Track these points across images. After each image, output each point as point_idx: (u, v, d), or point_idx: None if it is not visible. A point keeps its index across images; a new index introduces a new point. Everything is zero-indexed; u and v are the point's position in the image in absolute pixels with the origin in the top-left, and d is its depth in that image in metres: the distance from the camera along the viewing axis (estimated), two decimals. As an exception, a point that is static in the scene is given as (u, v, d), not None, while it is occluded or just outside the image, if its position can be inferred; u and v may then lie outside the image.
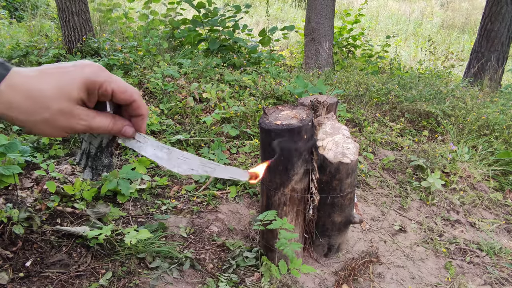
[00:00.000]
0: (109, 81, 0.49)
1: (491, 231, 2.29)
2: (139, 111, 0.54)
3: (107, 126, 0.51)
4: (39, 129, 0.47)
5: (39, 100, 0.45)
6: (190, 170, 0.56)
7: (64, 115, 0.47)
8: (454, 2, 13.34)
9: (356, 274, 1.75)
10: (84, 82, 0.47)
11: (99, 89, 0.49)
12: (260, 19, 9.82)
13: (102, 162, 0.57)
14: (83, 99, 0.48)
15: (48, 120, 0.47)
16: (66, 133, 0.49)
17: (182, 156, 0.56)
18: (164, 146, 0.56)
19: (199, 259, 1.77)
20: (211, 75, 3.74)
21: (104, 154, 0.57)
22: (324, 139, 1.65)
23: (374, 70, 5.76)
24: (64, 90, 0.46)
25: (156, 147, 0.56)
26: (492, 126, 3.38)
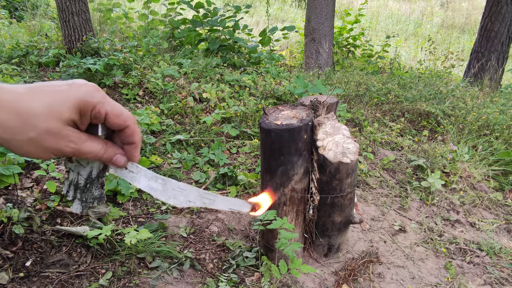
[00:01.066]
0: (103, 102, 0.46)
1: (491, 231, 2.29)
2: (132, 138, 0.50)
3: (98, 152, 0.48)
4: (24, 149, 0.44)
5: (26, 118, 0.42)
6: (187, 202, 0.53)
7: (52, 135, 0.44)
8: (454, 2, 13.34)
9: (356, 274, 1.75)
10: (77, 102, 0.44)
11: (92, 110, 0.46)
12: (260, 19, 9.82)
13: (92, 195, 0.53)
14: (74, 121, 0.45)
15: (34, 140, 0.43)
16: (52, 154, 0.46)
17: (178, 187, 0.54)
18: (159, 176, 0.53)
19: (199, 259, 1.77)
20: (211, 75, 3.74)
21: (94, 185, 0.53)
22: (324, 139, 1.65)
23: (374, 70, 5.76)
24: (55, 109, 0.43)
25: (151, 178, 0.53)
26: (492, 126, 3.38)
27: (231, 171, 2.35)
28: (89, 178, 0.52)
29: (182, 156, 2.56)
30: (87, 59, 3.31)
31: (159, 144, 2.67)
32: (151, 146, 2.58)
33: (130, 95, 3.22)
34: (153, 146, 2.61)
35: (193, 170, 2.50)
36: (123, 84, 3.35)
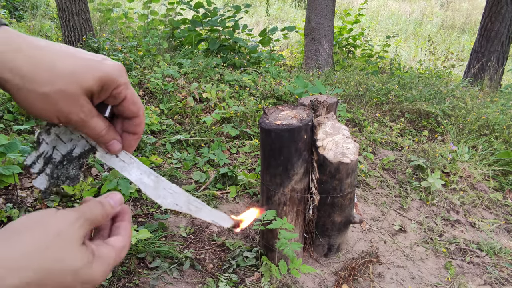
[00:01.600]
0: (127, 85, 0.45)
1: (491, 231, 2.29)
2: (137, 129, 0.50)
3: (100, 131, 0.46)
4: (30, 102, 0.40)
5: (47, 72, 0.39)
6: (174, 205, 0.52)
7: (67, 98, 0.41)
8: (454, 2, 13.34)
9: (356, 274, 1.75)
10: (103, 76, 0.42)
11: (114, 89, 0.44)
12: (260, 19, 9.82)
13: (67, 173, 0.50)
14: (93, 92, 0.43)
15: (47, 96, 0.40)
16: (57, 118, 0.42)
17: (170, 189, 0.52)
18: (152, 172, 0.52)
19: (199, 259, 1.77)
20: (211, 75, 3.74)
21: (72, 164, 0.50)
22: (324, 139, 1.65)
23: (374, 70, 5.76)
24: (79, 75, 0.41)
25: (143, 172, 0.51)
26: (492, 126, 3.38)
27: (231, 171, 2.35)
28: (68, 156, 0.50)
29: (182, 156, 2.57)
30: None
31: (159, 144, 2.67)
32: (151, 146, 2.58)
33: (130, 95, 3.21)
34: (153, 146, 2.61)
35: (193, 170, 2.50)
36: (123, 84, 3.35)
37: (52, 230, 0.39)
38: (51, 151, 0.49)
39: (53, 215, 0.40)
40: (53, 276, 0.38)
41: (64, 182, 0.50)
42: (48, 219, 0.40)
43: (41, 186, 0.49)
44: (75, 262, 0.39)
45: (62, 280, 0.39)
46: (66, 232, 0.40)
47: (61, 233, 0.39)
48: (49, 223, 0.39)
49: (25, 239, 0.37)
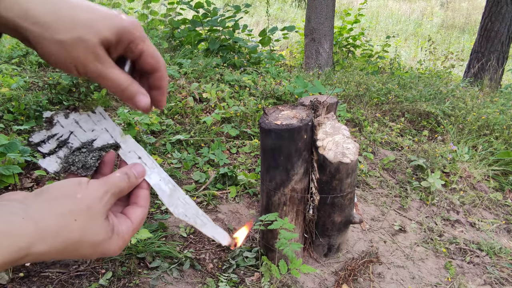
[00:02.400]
0: (144, 39, 0.45)
1: (491, 231, 2.29)
2: (160, 83, 0.49)
3: (123, 83, 0.46)
4: (49, 51, 0.40)
5: (64, 19, 0.40)
6: (184, 215, 0.53)
7: (84, 46, 0.41)
8: (454, 2, 13.34)
9: (356, 274, 1.75)
10: (120, 28, 0.43)
11: (131, 42, 0.44)
12: (260, 19, 9.82)
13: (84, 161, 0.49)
14: (110, 43, 0.43)
15: (64, 43, 0.40)
16: (75, 68, 0.42)
17: (183, 199, 0.54)
18: (171, 181, 0.53)
19: (199, 259, 1.77)
20: (211, 75, 3.74)
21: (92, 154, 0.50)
22: (324, 139, 1.65)
23: (374, 70, 5.76)
24: (96, 24, 0.41)
25: (163, 178, 0.52)
26: (492, 126, 3.38)
27: (231, 171, 2.35)
28: (88, 145, 0.50)
29: (182, 156, 2.56)
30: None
31: (159, 144, 2.67)
32: (151, 146, 2.58)
33: (130, 95, 3.21)
34: (153, 146, 2.61)
35: (193, 170, 2.50)
36: (123, 84, 3.35)
37: (83, 203, 0.42)
38: (67, 135, 0.49)
39: (84, 187, 0.43)
40: (74, 246, 0.41)
41: (78, 169, 0.49)
42: (81, 191, 0.43)
43: (50, 168, 0.49)
44: (96, 236, 0.42)
45: (81, 251, 0.42)
46: (94, 206, 0.43)
47: (90, 207, 0.42)
48: (81, 196, 0.42)
49: (59, 207, 0.40)
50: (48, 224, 0.38)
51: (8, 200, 0.40)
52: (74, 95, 2.91)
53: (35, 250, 0.37)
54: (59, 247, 0.39)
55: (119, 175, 0.48)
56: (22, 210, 0.38)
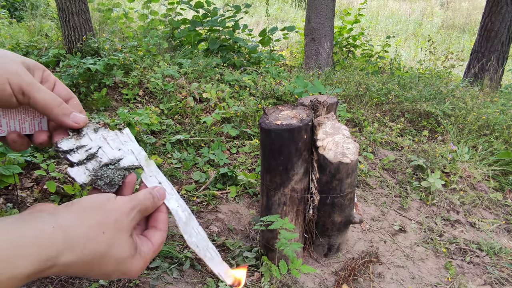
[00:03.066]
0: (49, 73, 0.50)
1: (491, 231, 2.29)
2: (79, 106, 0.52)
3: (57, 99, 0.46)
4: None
5: None
6: (195, 246, 0.55)
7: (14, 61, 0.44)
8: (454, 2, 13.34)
9: (356, 274, 1.75)
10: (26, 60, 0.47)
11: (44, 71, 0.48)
12: (260, 19, 9.82)
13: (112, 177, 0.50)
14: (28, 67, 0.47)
15: None
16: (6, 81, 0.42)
17: (197, 229, 0.56)
18: (187, 209, 0.55)
19: (199, 259, 1.77)
20: (211, 75, 3.74)
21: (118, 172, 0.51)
22: (324, 139, 1.65)
23: (374, 70, 5.76)
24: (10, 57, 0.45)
25: (180, 205, 0.55)
26: (492, 126, 3.38)
27: (231, 171, 2.35)
28: (116, 163, 0.51)
29: (182, 156, 2.56)
30: (87, 59, 3.31)
31: (159, 144, 2.67)
32: (151, 146, 2.58)
33: (130, 95, 3.22)
34: (153, 146, 2.61)
35: (193, 170, 2.50)
36: (123, 84, 3.35)
37: (111, 216, 0.42)
38: (96, 149, 0.50)
39: (113, 201, 0.44)
40: (100, 259, 0.41)
41: (105, 184, 0.50)
42: (110, 205, 0.43)
43: (78, 179, 0.49)
44: (122, 252, 0.42)
45: (105, 266, 0.42)
46: (121, 221, 0.43)
47: (117, 221, 0.42)
48: (110, 208, 0.43)
49: (88, 219, 0.41)
50: (77, 234, 0.39)
51: (39, 211, 0.40)
52: (74, 95, 2.90)
53: (62, 260, 0.37)
54: (86, 258, 0.39)
55: (144, 193, 0.48)
56: (53, 220, 0.38)
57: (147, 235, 0.49)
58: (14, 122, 0.49)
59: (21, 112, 0.49)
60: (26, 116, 0.50)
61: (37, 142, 0.50)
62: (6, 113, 0.48)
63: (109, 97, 3.08)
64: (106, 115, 2.87)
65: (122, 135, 0.54)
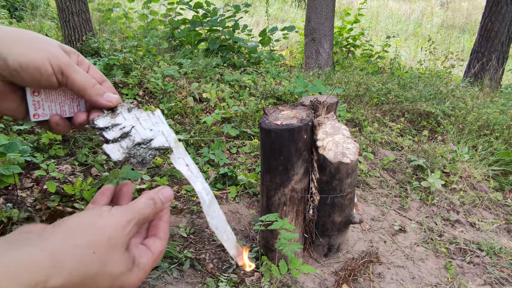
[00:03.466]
0: None
1: (491, 231, 2.29)
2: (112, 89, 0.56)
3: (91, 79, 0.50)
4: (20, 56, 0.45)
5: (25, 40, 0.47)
6: (215, 227, 0.58)
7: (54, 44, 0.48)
8: (454, 2, 13.34)
9: (356, 274, 1.75)
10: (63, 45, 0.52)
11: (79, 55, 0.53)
12: (260, 19, 9.82)
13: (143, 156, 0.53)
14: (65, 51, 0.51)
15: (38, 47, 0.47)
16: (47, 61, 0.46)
17: (218, 212, 0.58)
18: (211, 192, 0.57)
19: (199, 259, 1.77)
20: (211, 75, 3.74)
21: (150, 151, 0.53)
22: (324, 139, 1.65)
23: (374, 70, 5.76)
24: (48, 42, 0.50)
25: (205, 188, 0.56)
26: (492, 126, 3.38)
27: (231, 171, 2.35)
28: (147, 142, 0.53)
29: (182, 156, 2.56)
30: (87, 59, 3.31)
31: (159, 144, 2.67)
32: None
33: (130, 95, 3.22)
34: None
35: (193, 170, 2.50)
36: (123, 84, 3.35)
37: (104, 234, 0.41)
38: (130, 128, 0.53)
39: (106, 216, 0.43)
40: (93, 279, 0.40)
41: (137, 163, 0.52)
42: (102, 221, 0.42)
43: (113, 155, 0.51)
44: (116, 267, 0.41)
45: (99, 283, 0.41)
46: (115, 237, 0.42)
47: (111, 238, 0.41)
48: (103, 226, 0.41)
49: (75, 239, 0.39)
50: (64, 257, 0.38)
51: (28, 233, 0.39)
52: (74, 95, 2.91)
53: (51, 284, 0.36)
54: (76, 280, 0.38)
55: (144, 201, 0.47)
56: (41, 242, 0.38)
57: (147, 244, 0.48)
58: (55, 105, 0.52)
59: (61, 95, 0.53)
60: (66, 99, 0.53)
61: (77, 122, 0.53)
62: (48, 96, 0.52)
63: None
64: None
65: (154, 116, 0.56)
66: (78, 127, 0.54)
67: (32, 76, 0.46)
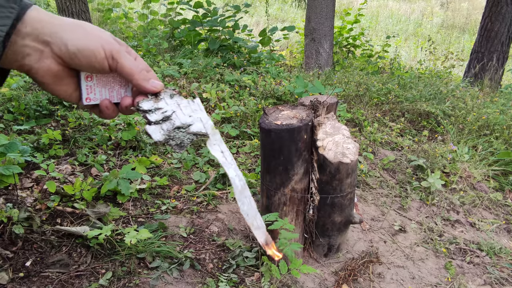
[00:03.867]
0: None
1: (491, 231, 2.29)
2: None
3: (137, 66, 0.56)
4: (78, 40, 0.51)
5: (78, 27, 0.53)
6: (246, 214, 0.61)
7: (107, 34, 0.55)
8: (454, 2, 13.34)
9: (356, 274, 1.75)
10: None
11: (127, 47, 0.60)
12: (260, 19, 9.82)
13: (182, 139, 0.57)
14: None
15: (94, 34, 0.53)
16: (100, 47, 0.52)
17: (249, 199, 0.61)
18: (243, 179, 0.61)
19: (199, 259, 1.77)
20: (211, 75, 3.74)
21: (188, 136, 0.57)
22: (324, 139, 1.65)
23: (374, 70, 5.76)
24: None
25: (238, 175, 0.60)
26: (492, 126, 3.38)
27: (231, 171, 2.34)
28: (186, 127, 0.57)
29: (182, 156, 2.57)
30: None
31: (159, 144, 2.67)
32: (151, 146, 2.58)
33: (130, 95, 3.21)
34: (153, 146, 2.61)
35: (193, 170, 2.50)
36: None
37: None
38: (171, 113, 0.57)
39: None
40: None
41: (176, 145, 0.57)
42: None
43: (154, 136, 0.56)
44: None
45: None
46: None
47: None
48: None
49: None
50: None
51: None
52: (74, 95, 2.90)
53: None
54: None
55: None
56: None
57: None
58: (105, 90, 0.58)
59: (110, 81, 0.58)
60: (114, 85, 0.59)
61: (123, 106, 0.59)
62: (99, 82, 0.57)
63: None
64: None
65: (193, 104, 0.60)
66: (125, 111, 0.59)
67: (87, 60, 0.52)
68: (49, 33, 0.50)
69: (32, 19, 0.49)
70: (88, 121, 2.59)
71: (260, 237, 0.61)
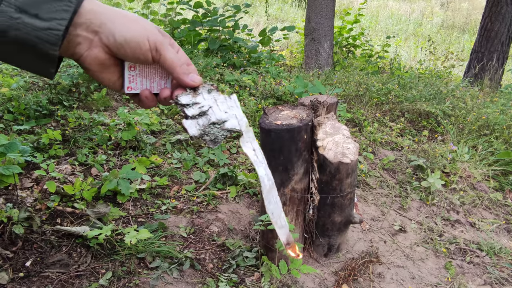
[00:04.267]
0: None
1: (491, 231, 2.29)
2: None
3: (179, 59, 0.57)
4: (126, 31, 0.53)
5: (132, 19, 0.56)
6: (271, 212, 0.61)
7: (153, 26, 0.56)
8: (454, 2, 13.34)
9: (356, 274, 1.75)
10: None
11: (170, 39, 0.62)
12: (260, 19, 9.82)
13: (217, 135, 0.57)
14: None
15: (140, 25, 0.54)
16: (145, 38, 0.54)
17: (276, 198, 0.61)
18: (271, 178, 0.61)
19: (199, 259, 1.77)
20: (211, 75, 3.74)
21: (223, 131, 0.57)
22: (324, 139, 1.65)
23: (374, 70, 5.76)
24: None
25: (267, 174, 0.60)
26: (492, 126, 3.38)
27: (231, 171, 2.35)
28: (221, 123, 0.58)
29: (182, 156, 2.56)
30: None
31: (159, 144, 2.67)
32: (151, 146, 2.58)
33: (130, 95, 3.21)
34: (153, 146, 2.61)
35: (193, 170, 2.50)
36: (123, 84, 3.35)
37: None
38: (207, 108, 0.58)
39: None
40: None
41: (210, 140, 0.58)
42: None
43: (190, 130, 0.57)
44: None
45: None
46: None
47: None
48: None
49: None
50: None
51: None
52: (74, 95, 2.91)
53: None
54: None
55: None
56: None
57: None
58: (146, 81, 0.59)
59: (151, 72, 0.60)
60: (155, 76, 0.60)
61: (162, 97, 0.60)
62: (141, 72, 0.59)
63: (109, 97, 3.08)
64: (106, 115, 2.87)
65: (230, 100, 0.60)
66: (163, 102, 0.61)
67: (132, 50, 0.53)
68: (99, 23, 0.52)
69: (86, 11, 0.50)
70: (88, 121, 2.59)
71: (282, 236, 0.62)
